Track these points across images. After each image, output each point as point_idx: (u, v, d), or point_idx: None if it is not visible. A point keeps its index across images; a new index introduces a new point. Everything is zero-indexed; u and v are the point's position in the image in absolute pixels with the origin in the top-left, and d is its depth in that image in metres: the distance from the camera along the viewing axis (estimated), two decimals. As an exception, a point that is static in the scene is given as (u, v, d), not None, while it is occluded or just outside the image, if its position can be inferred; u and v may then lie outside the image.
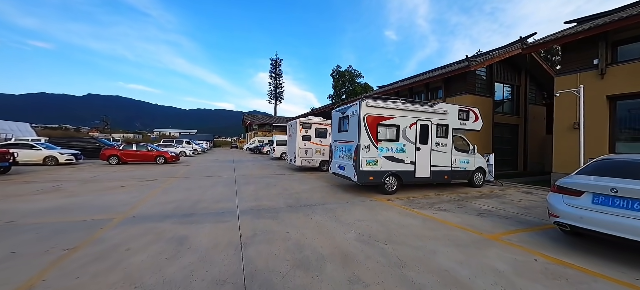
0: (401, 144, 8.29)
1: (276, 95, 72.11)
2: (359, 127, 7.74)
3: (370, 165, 7.85)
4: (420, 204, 7.11)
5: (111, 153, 17.09)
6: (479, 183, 9.95)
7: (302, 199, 7.45)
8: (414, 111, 8.47)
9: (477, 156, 9.91)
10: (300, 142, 14.19)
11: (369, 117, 7.82)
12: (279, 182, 10.60)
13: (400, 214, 5.99)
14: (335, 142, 9.57)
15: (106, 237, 4.39)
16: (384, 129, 8.08)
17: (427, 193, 8.63)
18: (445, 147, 9.03)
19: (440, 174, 8.96)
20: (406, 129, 8.35)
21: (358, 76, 34.56)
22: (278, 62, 72.08)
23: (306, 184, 10.21)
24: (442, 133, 8.99)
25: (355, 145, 7.87)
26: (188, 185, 9.58)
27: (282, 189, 8.95)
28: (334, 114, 9.76)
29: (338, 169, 9.15)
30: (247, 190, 8.65)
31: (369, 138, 7.83)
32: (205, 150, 36.60)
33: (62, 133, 66.49)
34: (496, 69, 17.11)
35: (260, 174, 13.27)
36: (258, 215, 5.78)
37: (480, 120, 9.89)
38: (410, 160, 8.42)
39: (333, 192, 8.52)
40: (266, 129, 52.60)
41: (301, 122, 14.25)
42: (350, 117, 8.35)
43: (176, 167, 16.18)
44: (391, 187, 8.27)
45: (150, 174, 12.60)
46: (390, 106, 8.11)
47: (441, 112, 8.89)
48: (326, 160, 14.78)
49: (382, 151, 8.03)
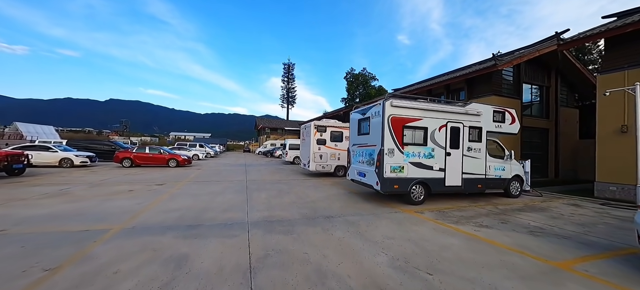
0: (429, 148, 7.40)
1: (288, 99, 72.16)
2: (382, 130, 6.93)
3: (394, 172, 7.00)
4: (455, 217, 6.18)
5: (124, 156, 16.99)
6: (515, 193, 8.86)
7: (319, 209, 6.68)
8: (444, 112, 7.57)
9: (513, 163, 8.84)
10: (315, 146, 13.48)
11: (394, 119, 7.00)
12: (292, 188, 9.89)
13: (436, 231, 5.11)
14: (354, 146, 8.78)
15: (96, 253, 3.78)
16: (410, 131, 7.23)
17: (459, 204, 7.66)
18: (479, 153, 8.05)
19: (473, 183, 7.97)
20: (435, 131, 7.46)
21: (372, 79, 33.66)
22: (290, 67, 72.28)
23: (322, 191, 9.45)
24: (475, 136, 8.02)
25: (378, 150, 7.05)
26: (197, 190, 9.03)
27: (296, 197, 8.22)
28: (353, 116, 8.99)
29: (357, 176, 8.34)
30: (258, 198, 7.98)
31: (394, 142, 7.00)
32: (218, 153, 36.61)
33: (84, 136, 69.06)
34: (524, 68, 15.86)
35: (272, 179, 12.63)
36: (270, 228, 5.06)
37: (517, 122, 8.83)
38: (440, 166, 7.50)
39: (352, 202, 7.71)
40: (278, 132, 52.42)
41: (316, 125, 13.55)
42: (372, 118, 7.54)
43: (187, 170, 15.83)
44: (418, 197, 7.37)
45: (160, 177, 12.22)
46: (418, 106, 7.25)
47: (474, 114, 7.93)
48: (341, 165, 13.98)
49: (408, 156, 7.17)
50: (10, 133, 46.03)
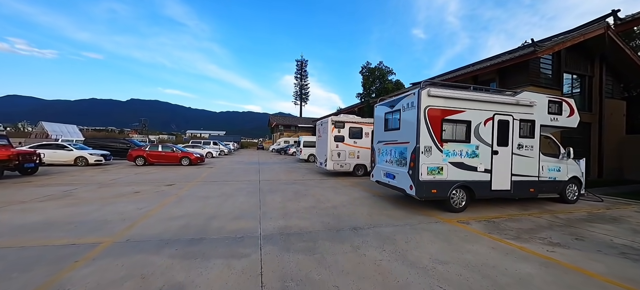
0: (473, 146, 6.23)
1: (302, 96, 71.37)
2: (418, 124, 5.83)
3: (432, 174, 5.90)
4: (512, 230, 5.03)
5: (138, 154, 16.69)
6: (572, 198, 7.52)
7: (343, 217, 5.70)
8: (491, 103, 6.37)
9: (570, 162, 7.49)
10: (332, 143, 12.49)
11: (432, 111, 5.89)
12: (309, 190, 8.96)
13: (497, 251, 4.01)
14: (380, 143, 7.71)
15: (72, 280, 2.99)
16: (450, 126, 6.09)
17: (508, 211, 6.46)
18: (531, 151, 6.79)
19: (525, 186, 6.72)
20: (480, 126, 6.28)
21: (389, 73, 32.11)
22: (303, 63, 71.38)
23: (343, 193, 8.46)
24: (527, 132, 6.76)
25: (412, 148, 5.96)
26: (207, 192, 8.28)
27: (315, 201, 7.28)
28: (378, 109, 7.92)
29: (384, 178, 7.29)
30: (273, 202, 7.10)
31: (432, 138, 5.89)
32: (231, 151, 36.36)
33: (105, 134, 71.46)
34: (565, 56, 14.13)
35: (287, 179, 11.77)
36: (288, 244, 4.14)
37: (576, 114, 7.45)
38: (485, 167, 6.33)
39: (380, 207, 6.67)
40: (292, 130, 51.80)
41: (333, 121, 12.55)
42: (404, 111, 6.45)
43: (200, 169, 15.28)
44: (459, 203, 6.24)
45: (171, 177, 11.64)
46: (459, 96, 6.09)
47: (526, 104, 6.67)
48: (361, 164, 12.92)
49: (449, 156, 6.04)
50: (37, 132, 48.02)
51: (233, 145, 44.46)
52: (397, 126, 6.73)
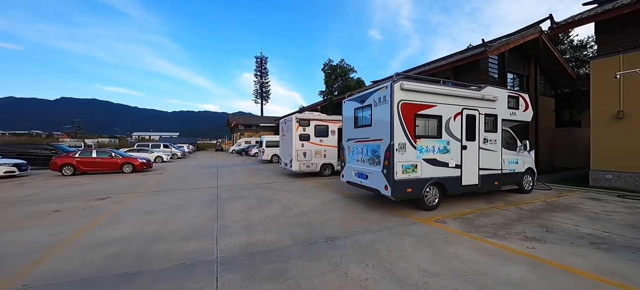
0: (444, 141, 6.10)
1: (262, 94, 69.08)
2: (391, 119, 5.46)
3: (407, 173, 5.60)
4: (488, 227, 4.92)
5: (65, 162, 14.00)
6: (528, 188, 7.94)
7: (315, 226, 5.09)
8: (459, 97, 6.30)
9: (525, 155, 7.90)
10: (297, 142, 11.80)
11: (405, 105, 5.56)
12: (275, 195, 8.17)
13: (482, 253, 3.75)
14: (350, 141, 7.26)
15: None
16: (422, 121, 5.86)
17: (477, 206, 6.49)
18: (494, 145, 6.94)
19: (490, 180, 6.85)
20: (450, 121, 6.17)
21: (351, 71, 32.38)
22: (263, 60, 69.09)
23: (311, 196, 7.84)
24: (490, 126, 6.88)
25: (386, 145, 5.58)
26: (151, 205, 6.98)
27: (282, 208, 6.54)
28: (347, 105, 7.45)
29: (356, 178, 6.85)
30: (232, 212, 6.18)
31: (405, 134, 5.58)
32: (186, 154, 33.38)
33: (27, 139, 60.62)
34: (507, 57, 15.46)
35: (249, 183, 10.77)
36: (252, 269, 3.37)
37: (530, 109, 7.87)
38: (456, 163, 6.25)
39: (354, 210, 6.20)
40: (253, 129, 49.71)
41: (298, 119, 11.85)
42: (376, 105, 6.05)
43: (146, 176, 13.36)
44: (432, 201, 6.06)
45: (106, 188, 9.82)
46: (431, 90, 5.88)
47: (490, 99, 6.77)
48: (328, 164, 12.46)
49: (422, 152, 5.80)
50: None
51: (188, 148, 40.98)
52: (369, 122, 6.32)
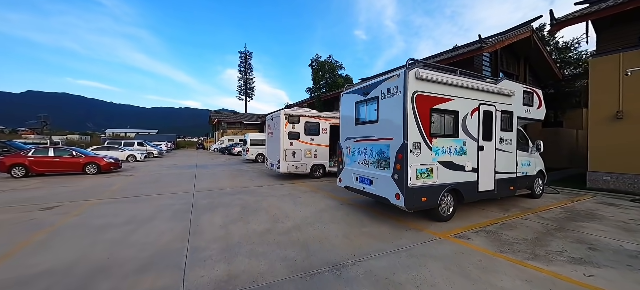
0: (461, 141, 5.27)
1: (246, 91, 66.90)
2: (404, 115, 4.53)
3: (422, 178, 4.70)
4: (519, 243, 4.12)
5: (14, 161, 12.09)
6: (539, 192, 7.34)
7: (314, 246, 4.07)
8: (477, 90, 5.48)
9: (536, 156, 7.29)
10: (286, 141, 10.71)
11: (420, 98, 4.66)
12: (261, 201, 7.06)
13: (536, 286, 2.90)
14: (350, 140, 6.29)
15: None
16: (438, 117, 4.98)
17: (493, 214, 5.73)
18: (510, 145, 6.21)
19: (506, 185, 6.11)
20: (467, 117, 5.34)
21: (339, 67, 31.46)
22: (247, 55, 66.91)
23: (304, 203, 6.81)
24: (507, 124, 6.15)
25: (399, 146, 4.65)
26: (108, 217, 5.67)
27: (271, 219, 5.46)
28: (347, 99, 6.47)
29: (357, 183, 5.89)
30: (210, 227, 5.04)
31: (420, 132, 4.68)
32: (163, 152, 31.20)
33: (-16, 136, 55.15)
34: (500, 55, 15.16)
35: (231, 187, 9.57)
36: (232, 324, 2.32)
37: (544, 106, 7.25)
38: (473, 166, 5.44)
39: (357, 222, 5.23)
40: (236, 127, 47.79)
41: (286, 115, 10.75)
42: (384, 98, 5.10)
43: (112, 178, 11.76)
44: (447, 211, 5.22)
45: (60, 193, 8.29)
46: (448, 80, 5.01)
47: (507, 94, 6.02)
48: (319, 164, 11.46)
49: (438, 154, 4.93)
50: None
51: (166, 146, 38.54)
52: (374, 118, 5.36)
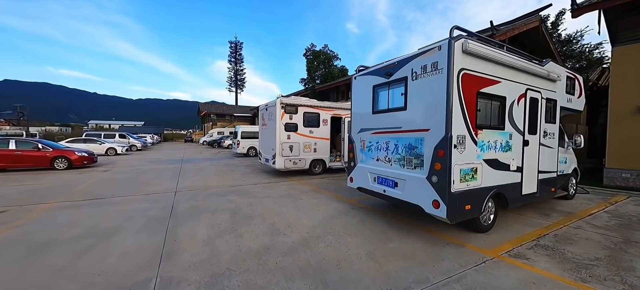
0: (507, 134, 4.26)
1: (237, 82, 64.77)
2: (448, 98, 3.47)
3: (466, 181, 3.67)
4: (597, 266, 3.16)
5: (-34, 155, 10.50)
6: (573, 192, 6.49)
7: (333, 277, 2.99)
8: (524, 72, 4.48)
9: (570, 152, 6.41)
10: (282, 133, 9.54)
11: (467, 78, 3.60)
12: (256, 205, 5.92)
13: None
14: (365, 132, 5.20)
15: None
16: (484, 104, 3.94)
17: (533, 221, 4.79)
18: (552, 140, 5.28)
19: (548, 186, 5.19)
20: (514, 105, 4.33)
21: (335, 58, 30.27)
22: (238, 46, 64.59)
23: (307, 207, 5.71)
24: (550, 115, 5.19)
25: (439, 139, 3.59)
26: (56, 229, 4.42)
27: (269, 230, 4.36)
28: (361, 83, 5.35)
29: (376, 184, 4.83)
30: (190, 243, 3.88)
31: (466, 122, 3.63)
32: (147, 145, 29.41)
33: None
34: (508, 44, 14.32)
35: (220, 185, 8.37)
36: None
37: (583, 96, 6.34)
38: (517, 164, 4.46)
39: (378, 235, 4.18)
40: (226, 119, 46.03)
41: (283, 104, 9.56)
42: (417, 79, 4.00)
43: (83, 174, 10.34)
44: (488, 219, 4.24)
45: (12, 193, 6.89)
46: (497, 58, 3.97)
47: (554, 78, 5.05)
48: (319, 159, 10.37)
49: (483, 150, 3.90)
50: None
51: (152, 138, 36.61)
52: (402, 105, 4.27)
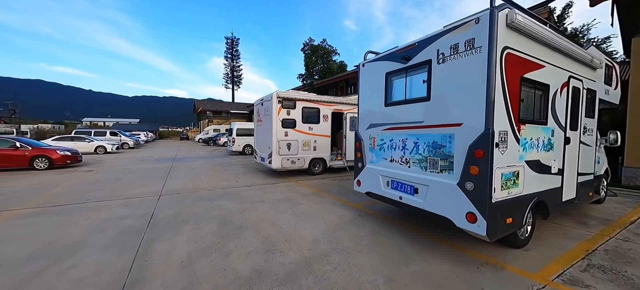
0: (549, 130, 3.55)
1: (233, 79, 63.60)
2: (489, 84, 2.74)
3: (507, 188, 2.96)
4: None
5: None
6: (603, 195, 5.82)
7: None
8: (568, 57, 3.76)
9: (602, 151, 5.73)
10: (279, 130, 8.78)
11: (511, 59, 2.87)
12: (249, 212, 5.17)
13: None
14: (376, 128, 4.46)
15: None
16: (526, 92, 3.22)
17: (574, 232, 4.10)
18: (591, 137, 4.58)
19: (585, 190, 4.50)
20: (556, 95, 3.62)
21: (333, 53, 29.44)
22: (234, 41, 63.35)
23: (308, 215, 4.98)
24: (590, 108, 4.49)
25: (479, 136, 2.84)
26: (7, 247, 3.65)
27: (264, 247, 3.62)
28: (370, 69, 4.60)
29: (390, 190, 4.10)
30: (164, 267, 3.13)
31: (508, 115, 2.91)
32: (141, 143, 28.46)
33: None
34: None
35: (211, 187, 7.61)
36: None
37: (619, 88, 5.62)
38: (558, 166, 3.75)
39: (396, 252, 3.45)
40: (222, 116, 45.14)
41: (280, 98, 8.78)
42: (445, 62, 3.26)
43: (64, 175, 9.51)
44: (526, 232, 3.54)
45: (-28, 199, 6.09)
46: (545, 37, 3.24)
47: (595, 66, 4.34)
48: (319, 158, 9.63)
49: (525, 150, 3.19)
50: None
51: (145, 136, 35.60)
52: (424, 94, 3.53)
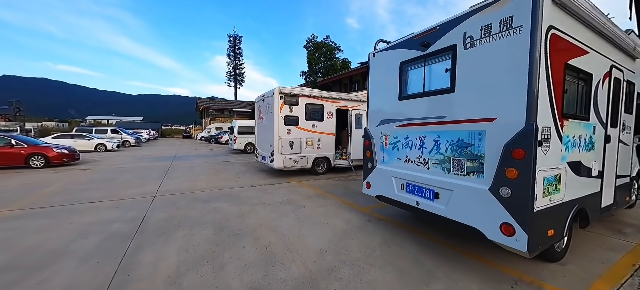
0: (591, 126, 3.09)
1: (236, 77, 63.31)
2: (531, 71, 2.29)
3: (549, 194, 2.51)
4: None
5: None
6: (634, 198, 5.33)
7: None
8: (611, 44, 3.28)
9: (635, 150, 5.24)
10: (281, 127, 8.36)
11: (556, 42, 2.42)
12: (248, 216, 4.77)
13: None
14: (388, 124, 4.02)
15: None
16: (570, 82, 2.77)
17: (610, 241, 3.64)
18: (629, 135, 4.11)
19: (623, 193, 4.04)
20: (598, 87, 3.16)
21: (337, 50, 28.96)
22: (237, 39, 63.01)
23: (313, 220, 4.56)
24: (629, 102, 4.01)
25: (518, 132, 2.39)
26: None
27: (262, 259, 3.21)
28: (382, 59, 4.16)
29: (404, 193, 3.66)
30: (149, 279, 2.72)
31: (552, 108, 2.46)
32: (142, 141, 28.24)
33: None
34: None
35: (209, 188, 7.22)
36: None
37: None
38: (598, 168, 3.29)
39: (413, 266, 3.02)
40: (225, 114, 44.81)
41: (282, 94, 8.35)
42: (473, 47, 2.80)
43: (59, 173, 9.19)
44: (562, 243, 3.09)
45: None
46: (593, 18, 2.76)
47: (636, 55, 3.86)
48: (323, 158, 9.20)
49: (568, 149, 2.74)
50: None
51: (147, 134, 35.41)
52: (447, 85, 3.07)
